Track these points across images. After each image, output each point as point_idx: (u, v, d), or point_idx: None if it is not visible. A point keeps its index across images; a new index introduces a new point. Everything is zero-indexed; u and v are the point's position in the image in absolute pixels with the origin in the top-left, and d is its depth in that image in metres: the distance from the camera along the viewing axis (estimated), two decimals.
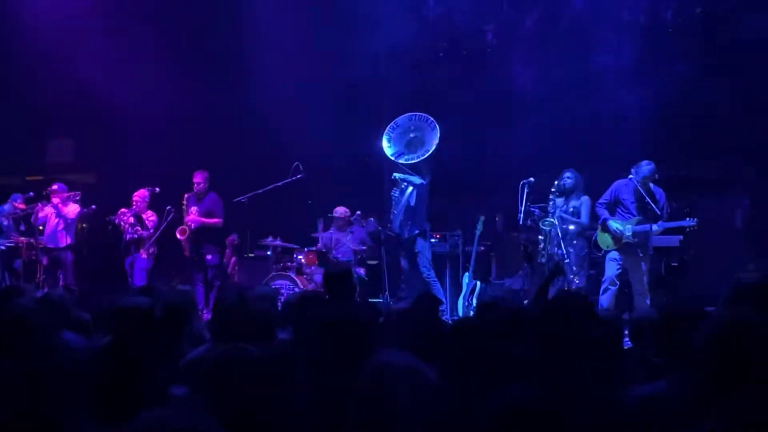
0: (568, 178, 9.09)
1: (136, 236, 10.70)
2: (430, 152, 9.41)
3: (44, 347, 3.44)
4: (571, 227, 8.90)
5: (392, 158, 9.53)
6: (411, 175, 9.39)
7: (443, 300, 9.15)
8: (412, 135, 9.64)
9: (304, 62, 11.89)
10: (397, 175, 9.51)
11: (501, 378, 2.60)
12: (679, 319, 3.01)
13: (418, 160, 9.39)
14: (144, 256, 10.61)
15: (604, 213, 8.84)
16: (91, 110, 12.72)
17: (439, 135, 9.45)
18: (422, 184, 9.39)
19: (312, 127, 11.61)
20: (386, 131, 9.63)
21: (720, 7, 10.70)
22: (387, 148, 9.56)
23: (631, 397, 2.63)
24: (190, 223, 10.54)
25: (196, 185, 10.63)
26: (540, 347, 2.79)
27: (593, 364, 2.66)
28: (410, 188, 9.38)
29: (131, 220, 10.70)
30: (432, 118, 9.59)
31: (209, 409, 2.89)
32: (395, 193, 9.50)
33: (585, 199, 9.08)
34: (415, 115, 9.72)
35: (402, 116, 9.78)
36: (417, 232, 9.46)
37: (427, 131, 9.56)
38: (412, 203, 9.37)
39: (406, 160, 9.44)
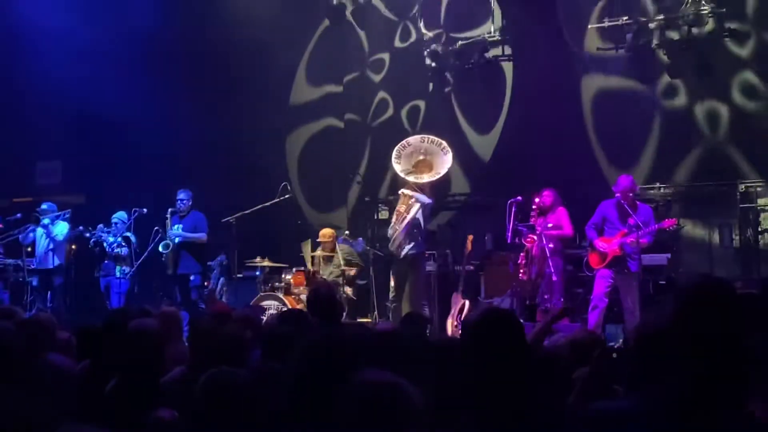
0: (546, 196, 9.27)
1: (113, 253, 10.59)
2: (441, 175, 9.37)
3: (27, 370, 3.41)
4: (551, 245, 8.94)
5: (401, 175, 9.33)
6: (419, 192, 9.17)
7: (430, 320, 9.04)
8: (421, 157, 9.44)
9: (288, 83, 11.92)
10: (405, 191, 9.25)
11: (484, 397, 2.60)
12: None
13: (429, 180, 9.26)
14: (117, 276, 10.45)
15: (592, 234, 8.90)
16: (79, 132, 12.70)
17: (451, 160, 9.43)
18: (430, 203, 9.25)
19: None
20: (396, 148, 9.48)
21: None
22: (396, 164, 9.41)
23: (591, 410, 2.65)
24: (174, 237, 10.39)
25: (179, 202, 10.48)
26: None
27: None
28: (417, 205, 9.14)
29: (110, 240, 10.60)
30: (445, 143, 9.50)
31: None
32: (401, 208, 9.22)
33: (560, 210, 9.27)
34: (428, 137, 9.65)
35: (414, 136, 9.75)
36: (416, 251, 9.24)
37: (438, 156, 9.42)
38: (418, 221, 9.15)
39: (415, 179, 9.26)
